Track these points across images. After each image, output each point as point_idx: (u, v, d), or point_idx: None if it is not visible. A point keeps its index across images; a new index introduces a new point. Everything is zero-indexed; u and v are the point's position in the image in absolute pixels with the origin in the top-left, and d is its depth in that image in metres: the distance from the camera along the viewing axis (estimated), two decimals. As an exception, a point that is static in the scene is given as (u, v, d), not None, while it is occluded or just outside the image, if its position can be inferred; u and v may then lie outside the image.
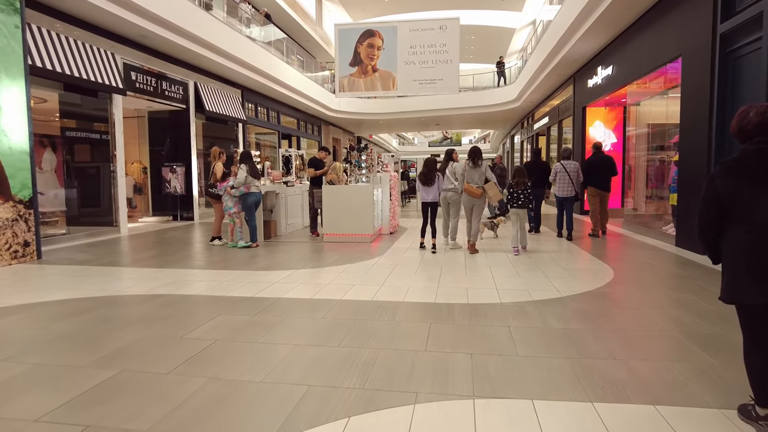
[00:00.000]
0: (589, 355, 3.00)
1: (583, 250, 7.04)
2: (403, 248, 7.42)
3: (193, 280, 5.29)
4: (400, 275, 5.41)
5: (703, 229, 2.27)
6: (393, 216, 9.21)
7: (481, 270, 5.67)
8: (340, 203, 7.97)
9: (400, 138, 47.19)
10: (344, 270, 5.72)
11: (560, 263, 6.05)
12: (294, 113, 19.61)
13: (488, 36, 27.09)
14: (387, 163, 9.47)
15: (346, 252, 7.07)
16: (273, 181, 9.09)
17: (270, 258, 6.67)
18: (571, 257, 6.51)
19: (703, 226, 2.26)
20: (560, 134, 16.22)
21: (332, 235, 8.08)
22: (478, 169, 7.05)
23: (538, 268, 5.72)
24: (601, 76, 11.29)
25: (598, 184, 8.52)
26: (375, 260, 6.39)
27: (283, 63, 16.52)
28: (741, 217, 2.11)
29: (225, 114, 13.54)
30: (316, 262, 6.29)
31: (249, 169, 7.47)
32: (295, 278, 5.32)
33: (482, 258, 6.50)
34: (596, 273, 5.46)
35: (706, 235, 2.27)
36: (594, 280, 5.10)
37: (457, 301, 4.26)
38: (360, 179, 8.16)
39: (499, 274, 5.40)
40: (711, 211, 2.19)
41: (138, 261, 6.57)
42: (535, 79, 16.05)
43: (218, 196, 7.92)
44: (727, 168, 2.15)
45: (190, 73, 12.32)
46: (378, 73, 13.27)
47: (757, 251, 2.07)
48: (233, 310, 4.11)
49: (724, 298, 2.20)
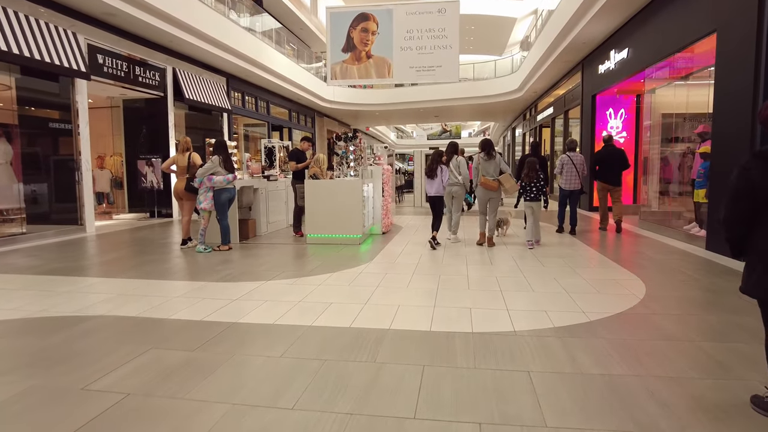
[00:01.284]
0: (649, 426, 2.10)
1: (601, 254, 6.14)
2: (396, 251, 6.51)
3: (140, 294, 4.38)
4: (389, 289, 4.50)
5: (731, 225, 2.13)
6: (386, 214, 8.30)
7: (487, 281, 4.77)
8: (325, 200, 7.05)
9: (398, 131, 46.18)
10: (324, 281, 4.81)
11: (578, 271, 5.15)
12: (285, 103, 18.63)
13: (488, 26, 26.09)
14: (380, 155, 8.53)
15: (331, 256, 6.16)
16: (252, 175, 8.15)
17: (240, 264, 5.76)
18: (589, 263, 5.61)
19: (733, 222, 2.12)
20: (566, 125, 15.28)
21: (316, 236, 7.17)
22: (493, 161, 6.83)
23: (553, 279, 4.81)
24: (614, 61, 10.34)
25: (608, 178, 8.03)
26: (362, 267, 5.48)
27: (272, 49, 15.52)
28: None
29: (208, 103, 12.57)
30: (292, 270, 5.37)
31: (222, 160, 6.56)
32: (262, 292, 4.41)
33: (486, 264, 5.59)
34: (623, 285, 4.55)
35: (735, 231, 2.14)
36: (623, 296, 4.20)
37: (459, 329, 3.36)
38: (348, 173, 7.22)
39: (509, 287, 4.50)
40: (743, 206, 2.06)
41: (86, 268, 5.65)
42: (539, 67, 15.07)
43: (196, 189, 7.03)
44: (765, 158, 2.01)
45: (168, 58, 11.34)
46: (372, 60, 12.39)
47: None
48: (171, 341, 3.20)
49: (753, 293, 2.12)
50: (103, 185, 12.71)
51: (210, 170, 6.51)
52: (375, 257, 6.12)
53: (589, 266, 5.46)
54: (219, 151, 6.65)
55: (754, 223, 2.08)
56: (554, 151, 17.58)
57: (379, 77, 12.70)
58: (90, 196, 9.10)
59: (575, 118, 14.73)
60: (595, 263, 5.65)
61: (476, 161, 6.96)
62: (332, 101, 21.37)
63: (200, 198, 6.63)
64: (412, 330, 3.34)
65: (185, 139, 7.31)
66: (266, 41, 15.27)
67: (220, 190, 6.58)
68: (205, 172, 6.51)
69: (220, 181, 6.50)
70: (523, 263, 5.63)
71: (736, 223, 2.11)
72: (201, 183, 6.56)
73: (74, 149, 8.79)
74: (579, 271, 5.20)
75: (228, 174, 6.63)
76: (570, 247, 6.77)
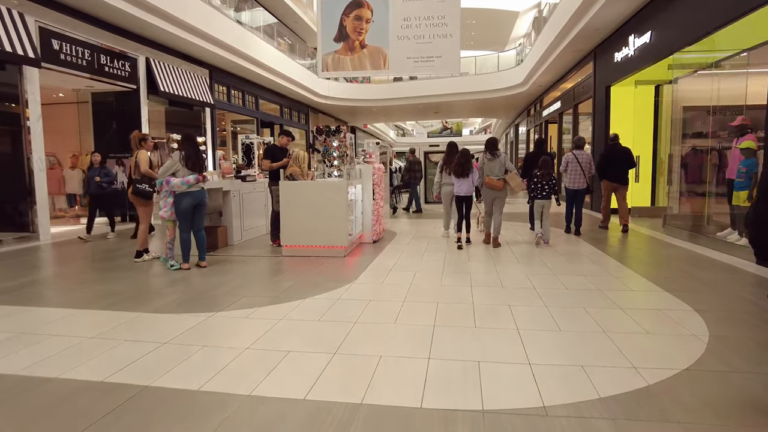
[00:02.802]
0: None
1: (631, 269, 5.08)
2: (386, 266, 5.46)
3: (43, 334, 3.34)
4: (371, 326, 3.46)
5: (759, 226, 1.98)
6: (377, 219, 7.25)
7: (498, 312, 3.71)
8: (303, 205, 6.00)
9: (398, 129, 45.11)
10: (288, 313, 3.77)
11: (610, 295, 4.10)
12: (276, 98, 17.56)
13: (490, 20, 25.10)
14: (371, 152, 7.49)
15: (307, 274, 5.12)
16: (223, 176, 7.11)
17: (196, 285, 4.72)
18: (620, 283, 4.55)
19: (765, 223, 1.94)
20: (575, 121, 14.21)
21: (293, 247, 6.12)
22: (497, 160, 6.75)
23: (582, 308, 3.76)
24: (633, 47, 9.26)
25: (614, 177, 7.85)
26: (343, 290, 4.43)
27: (260, 41, 14.46)
28: None
29: (186, 96, 11.52)
30: (255, 295, 4.33)
31: (184, 157, 5.49)
32: (204, 330, 3.37)
33: (495, 285, 4.54)
34: (674, 319, 3.50)
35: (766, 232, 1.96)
36: (680, 337, 3.15)
37: (462, 405, 2.30)
38: (331, 173, 6.14)
39: (527, 322, 3.45)
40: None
41: (6, 290, 4.61)
42: (546, 58, 14.00)
43: (148, 193, 5.98)
44: None
45: (140, 47, 10.29)
46: (367, 50, 11.37)
47: None
48: (36, 424, 2.16)
49: None
50: (75, 186, 11.69)
51: (170, 170, 5.45)
52: (360, 275, 5.06)
53: (621, 288, 4.41)
54: (184, 147, 5.58)
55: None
56: (561, 148, 16.52)
57: (374, 68, 11.68)
58: (44, 200, 8.05)
59: (585, 114, 13.68)
60: (627, 283, 4.59)
61: (481, 161, 6.86)
62: (327, 96, 20.31)
63: (160, 204, 5.58)
64: (394, 408, 2.28)
65: (135, 134, 6.28)
66: (254, 32, 14.23)
67: (180, 194, 5.51)
68: (165, 172, 5.45)
69: (177, 184, 5.44)
70: (539, 282, 4.58)
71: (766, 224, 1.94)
72: (162, 185, 5.50)
73: (23, 147, 7.74)
74: (611, 295, 4.14)
75: (189, 175, 5.57)
76: (591, 260, 5.72)
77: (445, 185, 7.39)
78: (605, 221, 8.30)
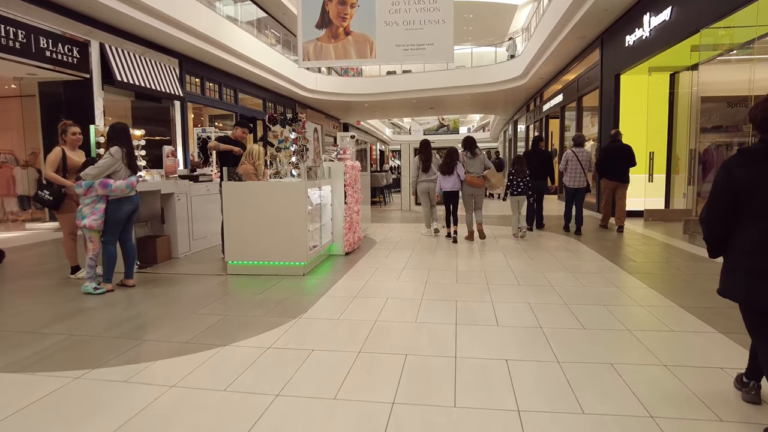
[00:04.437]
0: None
1: (663, 296, 3.94)
2: (352, 290, 4.31)
3: None
4: (297, 409, 2.32)
5: (711, 224, 2.08)
6: (350, 227, 6.10)
7: (490, 375, 2.57)
8: (252, 211, 4.85)
9: (394, 127, 43.94)
10: (185, 376, 2.61)
11: (649, 344, 2.95)
12: (259, 92, 16.39)
13: (488, 14, 23.96)
14: (345, 147, 6.34)
15: (245, 304, 3.97)
16: (166, 176, 5.96)
17: (97, 320, 3.57)
18: (659, 318, 3.41)
19: (714, 221, 2.07)
20: (579, 115, 13.06)
21: (240, 264, 4.97)
22: (477, 158, 7.03)
23: (608, 367, 2.62)
24: (649, 28, 8.12)
25: (614, 175, 7.63)
26: (281, 331, 3.28)
27: (238, 29, 13.29)
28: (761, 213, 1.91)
29: (149, 87, 10.36)
30: (161, 337, 3.18)
31: (125, 154, 4.38)
32: (45, 410, 2.23)
33: (489, 324, 3.39)
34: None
35: (715, 230, 2.08)
36: None
37: None
38: (288, 172, 4.94)
39: (532, 397, 2.30)
40: (722, 204, 2.01)
41: None
42: (547, 47, 12.85)
43: (55, 202, 4.82)
44: (750, 158, 1.96)
45: (92, 30, 9.12)
46: (352, 37, 10.34)
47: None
48: None
49: (734, 296, 2.02)
50: (27, 187, 10.58)
51: (108, 169, 4.30)
52: (313, 305, 3.91)
53: (665, 328, 3.26)
54: (119, 141, 4.43)
55: (735, 223, 2.01)
56: (563, 145, 15.40)
57: (360, 57, 10.64)
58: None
59: (589, 107, 12.55)
60: (663, 318, 3.45)
61: (461, 159, 7.08)
62: (314, 90, 19.15)
63: (84, 211, 4.41)
64: None
65: (61, 124, 5.13)
66: (230, 19, 13.05)
67: (117, 200, 4.37)
68: (101, 173, 4.29)
69: (122, 187, 4.30)
70: (548, 318, 3.43)
71: (716, 221, 2.05)
72: (89, 188, 4.32)
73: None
74: (650, 344, 3.00)
75: (131, 176, 4.45)
76: (606, 280, 4.57)
77: (421, 182, 7.47)
78: (605, 221, 8.13)
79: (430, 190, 7.37)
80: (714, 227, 2.08)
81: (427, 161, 7.42)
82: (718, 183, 2.02)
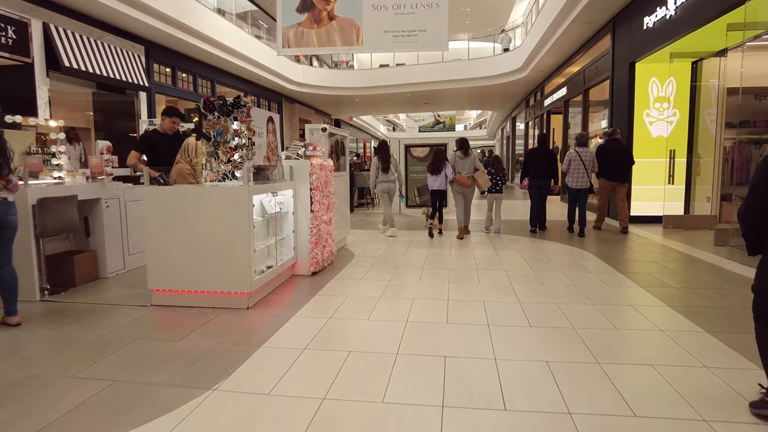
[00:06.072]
0: None
1: (700, 329, 2.84)
2: (305, 334, 3.18)
3: None
4: None
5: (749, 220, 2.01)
6: (318, 240, 4.95)
7: None
8: (180, 225, 3.71)
9: (389, 124, 42.77)
10: None
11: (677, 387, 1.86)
12: (241, 85, 15.21)
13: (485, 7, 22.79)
14: (315, 143, 5.20)
15: (156, 354, 2.84)
16: (93, 177, 4.80)
17: None
18: (708, 362, 2.32)
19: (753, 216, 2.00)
20: (586, 110, 11.97)
21: (167, 292, 3.83)
22: (468, 159, 7.15)
23: None
24: (675, 5, 7.00)
25: (612, 175, 7.54)
26: (182, 414, 2.16)
27: (214, 14, 12.11)
28: None
29: (105, 75, 9.18)
30: (17, 417, 2.06)
31: None
32: None
33: (497, 409, 2.30)
34: None
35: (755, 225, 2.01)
36: None
37: None
38: (227, 173, 3.74)
39: None
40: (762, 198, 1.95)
41: None
42: (550, 35, 11.75)
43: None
44: None
45: (33, 8, 7.94)
46: (336, 22, 9.29)
47: None
48: None
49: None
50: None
51: None
52: (241, 364, 2.76)
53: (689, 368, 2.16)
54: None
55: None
56: (567, 143, 14.32)
57: (345, 44, 9.55)
58: None
59: (597, 101, 11.46)
60: (710, 361, 2.34)
61: (452, 159, 7.29)
62: (302, 84, 17.97)
63: None
64: None
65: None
66: (203, 3, 11.86)
67: None
68: None
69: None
70: (574, 388, 2.33)
71: (754, 217, 2.00)
72: None
73: None
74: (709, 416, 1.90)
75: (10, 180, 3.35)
76: (648, 322, 3.46)
77: (380, 183, 7.62)
78: (599, 221, 8.01)
79: (390, 190, 7.64)
80: (752, 223, 2.03)
81: (386, 162, 7.55)
82: (759, 176, 1.98)
